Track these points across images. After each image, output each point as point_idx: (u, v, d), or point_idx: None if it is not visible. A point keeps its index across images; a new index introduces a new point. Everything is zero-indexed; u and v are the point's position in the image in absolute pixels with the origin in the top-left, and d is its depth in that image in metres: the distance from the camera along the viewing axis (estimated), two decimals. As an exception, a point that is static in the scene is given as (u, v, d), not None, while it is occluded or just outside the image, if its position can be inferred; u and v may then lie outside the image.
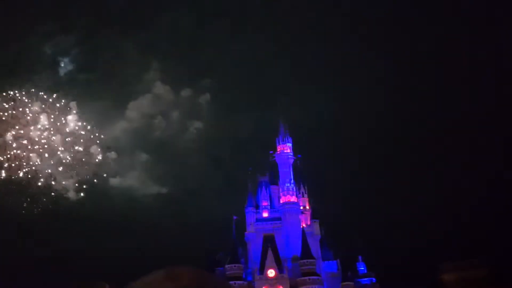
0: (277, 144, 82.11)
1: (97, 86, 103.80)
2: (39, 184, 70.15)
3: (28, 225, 75.62)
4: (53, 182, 70.86)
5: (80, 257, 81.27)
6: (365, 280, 72.62)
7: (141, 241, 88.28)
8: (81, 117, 77.90)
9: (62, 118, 73.79)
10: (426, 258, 77.86)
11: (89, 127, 78.93)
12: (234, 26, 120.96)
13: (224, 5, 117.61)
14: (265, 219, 76.42)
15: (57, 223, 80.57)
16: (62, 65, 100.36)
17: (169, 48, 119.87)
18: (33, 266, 76.11)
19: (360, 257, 75.73)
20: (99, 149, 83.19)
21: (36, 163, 69.28)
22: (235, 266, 68.77)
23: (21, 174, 68.63)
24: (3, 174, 67.98)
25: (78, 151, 74.09)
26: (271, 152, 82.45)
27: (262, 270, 68.53)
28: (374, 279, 72.45)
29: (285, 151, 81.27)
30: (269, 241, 72.35)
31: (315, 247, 74.18)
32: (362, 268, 74.78)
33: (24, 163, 68.98)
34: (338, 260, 74.77)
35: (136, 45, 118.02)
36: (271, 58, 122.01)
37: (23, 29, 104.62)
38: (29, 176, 69.31)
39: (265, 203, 78.50)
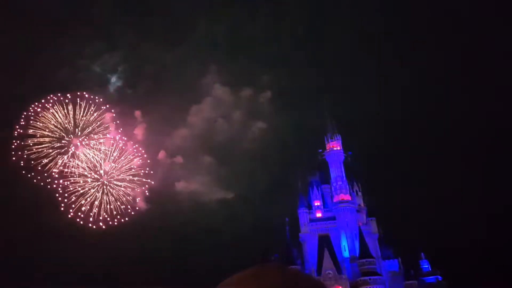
0: (326, 142, 79.62)
1: (157, 95, 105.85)
2: (114, 194, 71.78)
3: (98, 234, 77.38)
4: (127, 195, 72.26)
5: (141, 261, 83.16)
6: (430, 278, 68.52)
7: (199, 245, 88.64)
8: (147, 125, 79.60)
9: (130, 128, 75.02)
10: (495, 252, 72.47)
11: (154, 135, 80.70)
12: (272, 26, 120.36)
13: (261, 8, 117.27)
14: (319, 219, 74.06)
15: (126, 230, 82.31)
16: (113, 81, 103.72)
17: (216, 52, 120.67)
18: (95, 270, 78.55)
19: (423, 254, 71.75)
20: (165, 155, 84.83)
21: (110, 175, 70.93)
22: (291, 268, 66.79)
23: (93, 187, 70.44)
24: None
25: (146, 158, 75.40)
26: (320, 150, 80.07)
27: (320, 271, 66.24)
28: (440, 277, 68.21)
29: (335, 148, 78.61)
30: (324, 241, 70.07)
31: (373, 246, 71.11)
32: (426, 266, 70.73)
33: (98, 177, 70.70)
34: (399, 259, 71.13)
35: (183, 54, 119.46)
36: (314, 55, 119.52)
37: (73, 51, 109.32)
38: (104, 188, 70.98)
39: (317, 203, 76.20)
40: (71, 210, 69.41)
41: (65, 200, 69.39)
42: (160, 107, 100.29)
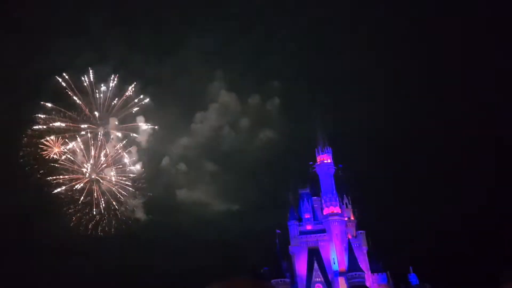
0: (317, 155, 79.98)
1: (162, 101, 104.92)
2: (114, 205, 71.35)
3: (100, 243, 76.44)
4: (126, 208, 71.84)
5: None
6: (419, 292, 68.78)
7: (187, 257, 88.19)
8: (150, 131, 78.97)
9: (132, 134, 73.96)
10: (484, 266, 72.83)
11: (158, 140, 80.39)
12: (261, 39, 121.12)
13: (248, 23, 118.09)
14: (309, 232, 74.23)
15: (127, 242, 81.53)
16: (103, 89, 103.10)
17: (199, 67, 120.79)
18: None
19: (411, 268, 71.99)
20: (169, 162, 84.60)
21: (112, 182, 70.47)
22: (281, 281, 66.95)
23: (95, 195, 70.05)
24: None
25: (149, 167, 74.89)
26: (310, 163, 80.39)
27: (309, 284, 66.54)
28: (428, 290, 68.51)
29: (325, 161, 78.96)
30: (314, 254, 70.38)
31: (362, 259, 71.50)
32: (415, 280, 70.95)
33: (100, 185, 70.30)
34: (388, 272, 71.37)
35: (180, 63, 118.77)
36: (303, 66, 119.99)
37: (62, 62, 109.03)
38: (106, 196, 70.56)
39: (307, 216, 76.43)
40: (73, 222, 69.23)
41: (64, 209, 69.31)
42: (166, 113, 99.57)
